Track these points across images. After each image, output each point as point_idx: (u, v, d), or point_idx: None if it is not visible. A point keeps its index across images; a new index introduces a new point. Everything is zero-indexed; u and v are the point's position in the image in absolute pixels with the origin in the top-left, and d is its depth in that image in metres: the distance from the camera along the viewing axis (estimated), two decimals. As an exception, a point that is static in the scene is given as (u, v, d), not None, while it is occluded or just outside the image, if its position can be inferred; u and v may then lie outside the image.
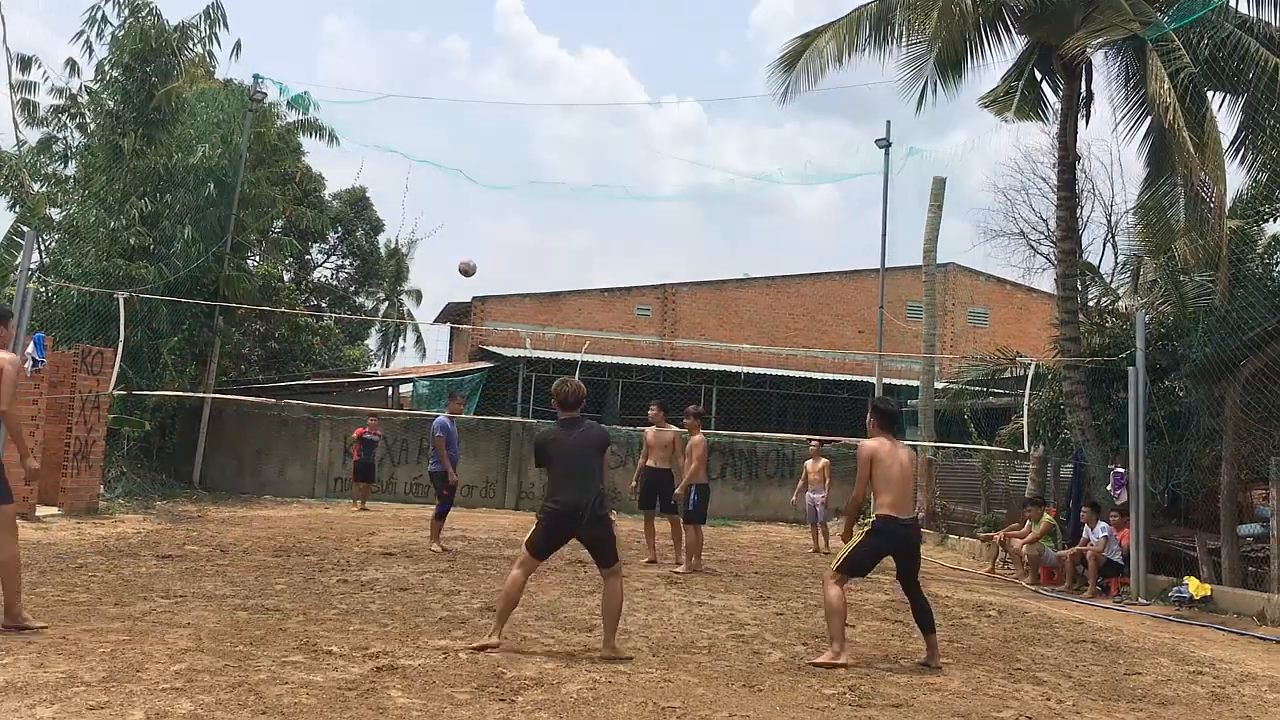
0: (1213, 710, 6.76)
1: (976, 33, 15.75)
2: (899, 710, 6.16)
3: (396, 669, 6.35)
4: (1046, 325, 21.01)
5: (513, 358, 27.93)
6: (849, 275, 35.08)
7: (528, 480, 23.44)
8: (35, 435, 14.20)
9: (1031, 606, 11.61)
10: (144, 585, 9.06)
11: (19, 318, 13.24)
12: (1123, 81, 15.68)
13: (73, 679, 5.68)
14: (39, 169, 21.45)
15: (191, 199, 20.38)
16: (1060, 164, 16.17)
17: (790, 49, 17.04)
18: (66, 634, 6.80)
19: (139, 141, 19.29)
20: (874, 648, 8.12)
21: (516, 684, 6.14)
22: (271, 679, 5.92)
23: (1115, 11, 14.16)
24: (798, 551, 16.65)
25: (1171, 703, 6.87)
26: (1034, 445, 16.41)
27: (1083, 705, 6.60)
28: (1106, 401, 15.12)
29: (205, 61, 20.97)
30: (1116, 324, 16.36)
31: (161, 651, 6.44)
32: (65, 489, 15.15)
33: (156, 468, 19.93)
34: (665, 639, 7.89)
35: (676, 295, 34.07)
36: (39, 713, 5.08)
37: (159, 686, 5.63)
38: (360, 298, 40.66)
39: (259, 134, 22.51)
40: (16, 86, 20.98)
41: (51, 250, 20.50)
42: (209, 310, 20.44)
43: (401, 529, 15.92)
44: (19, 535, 7.43)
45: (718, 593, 10.80)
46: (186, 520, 15.80)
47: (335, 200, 36.31)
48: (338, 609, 8.38)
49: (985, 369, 20.04)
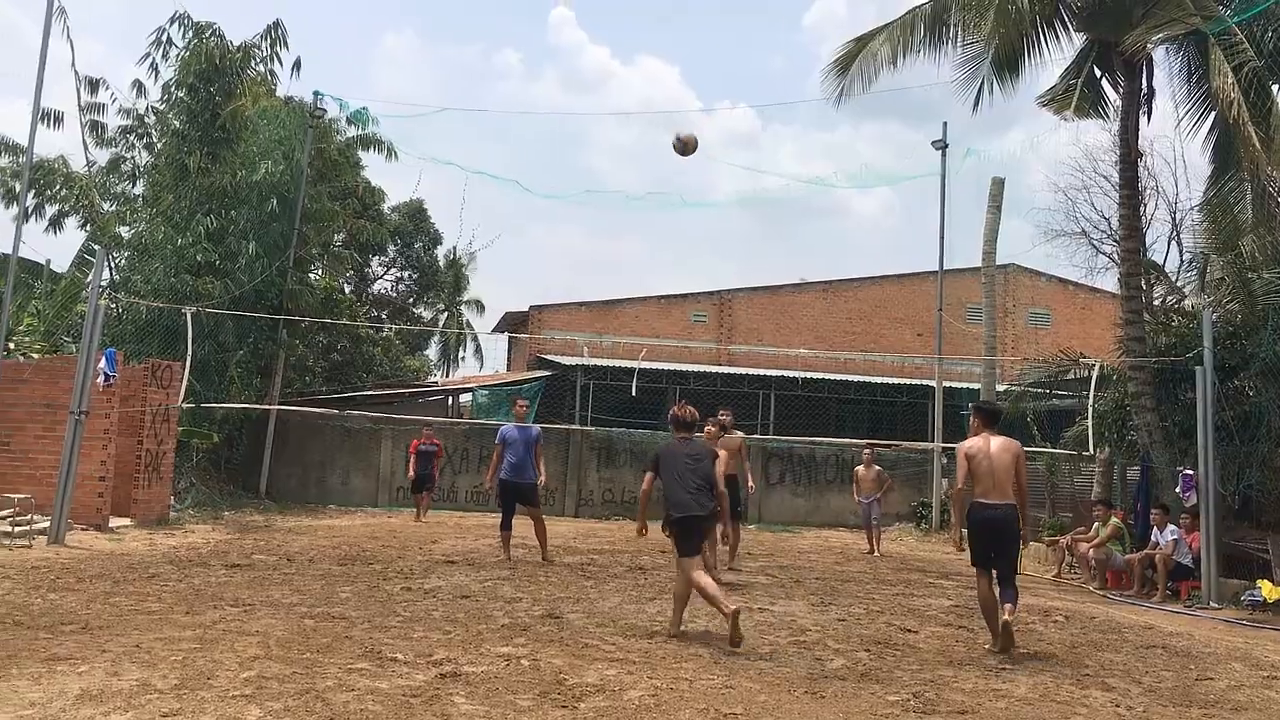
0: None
1: (1034, 30, 15.57)
2: (964, 717, 6.10)
3: (460, 676, 6.41)
4: (1110, 325, 20.69)
5: (570, 366, 28.05)
6: (907, 278, 34.74)
7: (587, 488, 23.55)
8: (108, 448, 14.58)
9: (1099, 611, 11.43)
10: (214, 594, 9.24)
11: (91, 333, 13.62)
12: (1185, 77, 15.43)
13: (146, 687, 5.82)
14: (108, 189, 22.01)
15: (255, 215, 20.76)
16: (1122, 161, 15.93)
17: (844, 52, 16.99)
18: (140, 642, 6.97)
19: (204, 160, 19.68)
20: (938, 654, 8.04)
21: (578, 690, 6.18)
22: (338, 686, 6.02)
23: (1176, 6, 13.94)
24: (859, 557, 16.54)
25: (1245, 709, 6.74)
26: (1099, 448, 16.15)
27: (1153, 711, 6.49)
28: (1174, 402, 14.84)
29: (267, 80, 21.33)
30: (1183, 323, 16.05)
31: (231, 659, 6.57)
32: (137, 500, 15.51)
33: (224, 479, 20.32)
34: (726, 645, 7.88)
35: (732, 301, 33.98)
36: (114, 719, 5.22)
37: (229, 693, 5.75)
38: (420, 309, 41.08)
39: (320, 150, 22.89)
40: (86, 108, 21.51)
41: (121, 267, 21.00)
42: (273, 323, 20.79)
43: (463, 537, 16.06)
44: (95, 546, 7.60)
45: (779, 599, 10.76)
46: (254, 530, 16.09)
47: (394, 213, 36.74)
48: (402, 616, 8.49)
49: (1048, 371, 19.72)
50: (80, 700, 5.50)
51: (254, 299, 20.22)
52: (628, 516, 22.58)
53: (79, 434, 13.26)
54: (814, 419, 26.30)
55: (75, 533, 13.27)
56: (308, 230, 22.36)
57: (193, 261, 19.30)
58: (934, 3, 16.24)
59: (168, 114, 20.79)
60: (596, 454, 23.91)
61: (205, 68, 19.77)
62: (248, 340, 20.46)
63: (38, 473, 13.99)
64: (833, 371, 30.62)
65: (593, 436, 24.07)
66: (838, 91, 17.08)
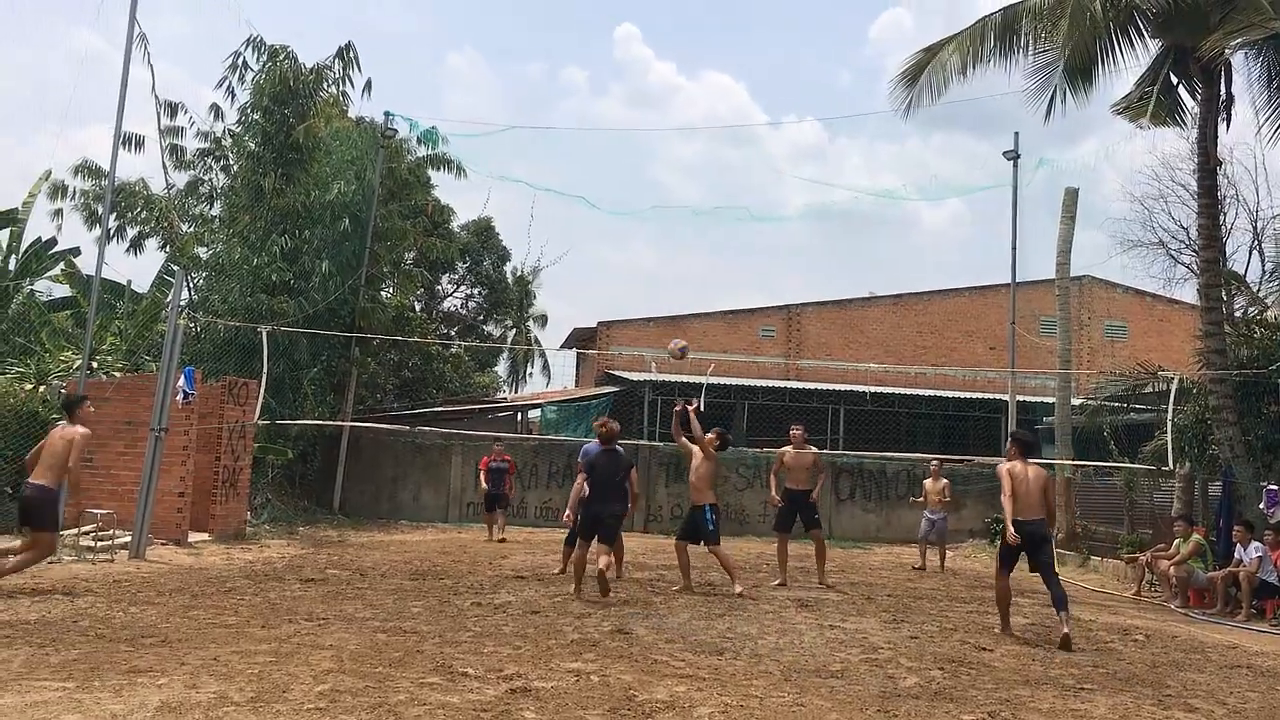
0: (1382, 741, 6.39)
1: (1107, 37, 15.34)
2: (1041, 737, 5.98)
3: (530, 691, 6.43)
4: (1190, 337, 20.24)
5: (638, 381, 28.08)
6: (978, 291, 34.30)
7: (655, 503, 23.53)
8: (186, 464, 14.90)
9: (1181, 630, 11.14)
10: (289, 608, 9.38)
11: (170, 352, 13.95)
12: (1265, 82, 15.11)
13: (223, 699, 5.92)
14: (187, 210, 22.53)
15: (328, 234, 21.14)
16: (1200, 170, 15.60)
17: (912, 63, 16.86)
18: (217, 655, 7.09)
19: (279, 181, 20.09)
20: (1014, 672, 7.89)
21: (648, 707, 6.16)
22: (410, 700, 6.07)
23: (1254, 10, 13.63)
24: (931, 573, 16.31)
25: (1336, 733, 6.53)
26: (1179, 462, 15.78)
27: (1238, 734, 6.31)
28: (1257, 415, 14.47)
29: (339, 101, 21.72)
30: (1265, 334, 15.66)
31: (306, 673, 6.66)
32: (215, 515, 15.80)
33: (299, 494, 20.66)
34: (797, 662, 7.81)
35: (801, 316, 33.81)
36: (194, 730, 5.32)
37: (304, 706, 5.82)
38: (489, 325, 41.41)
39: (390, 169, 23.24)
40: (165, 132, 22.04)
41: (199, 287, 21.45)
42: (346, 341, 21.10)
43: (533, 553, 16.13)
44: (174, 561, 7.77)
45: (850, 615, 10.65)
46: (327, 545, 16.33)
47: (463, 231, 37.12)
48: (472, 631, 8.54)
49: (1125, 384, 19.37)
50: (160, 712, 5.61)
51: (327, 317, 20.56)
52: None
53: (159, 451, 13.58)
54: (884, 434, 26.04)
55: (155, 547, 13.57)
56: (379, 249, 22.69)
57: (268, 281, 19.67)
58: (1005, 12, 16.06)
59: (243, 136, 21.22)
60: (665, 469, 23.88)
61: (279, 90, 20.16)
62: (321, 358, 20.79)
63: (119, 489, 14.33)
64: (903, 386, 30.31)
65: (661, 452, 24.03)
66: (906, 103, 16.94)
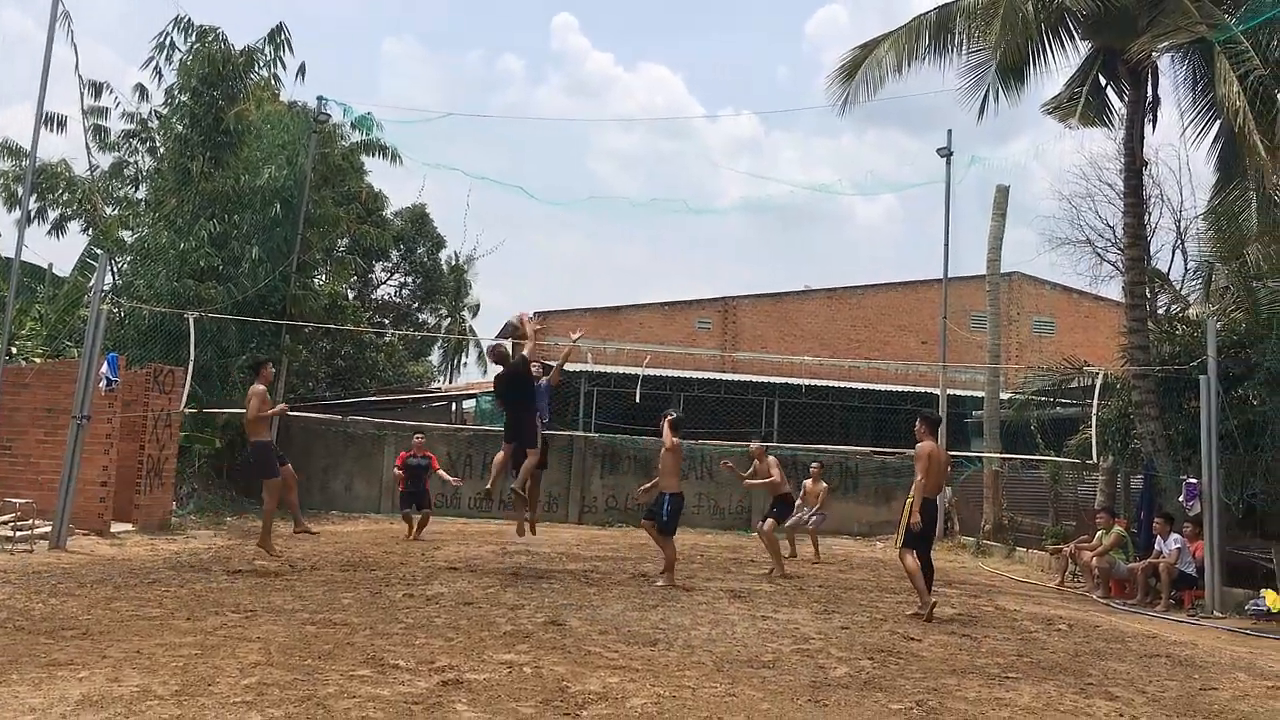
0: (1294, 727, 6.59)
1: (1039, 38, 15.55)
2: (967, 726, 6.07)
3: (462, 683, 6.39)
4: (1115, 334, 20.63)
5: (574, 372, 28.02)
6: (911, 286, 34.74)
7: (590, 494, 23.51)
8: (109, 453, 14.57)
9: (1103, 620, 11.40)
10: (215, 600, 9.22)
11: (93, 338, 13.62)
12: (1190, 85, 15.42)
13: (146, 693, 5.80)
14: (111, 193, 22.01)
15: (258, 220, 20.75)
16: (1126, 170, 15.91)
17: (849, 59, 16.96)
18: (140, 648, 6.95)
19: (207, 164, 19.69)
20: (941, 661, 8.01)
21: (581, 698, 6.16)
22: (339, 693, 6.00)
23: (1181, 14, 13.92)
24: (862, 565, 16.51)
25: (1249, 719, 6.70)
26: (1103, 456, 16.12)
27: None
28: (1178, 411, 14.81)
29: (271, 85, 21.32)
30: (1187, 332, 16.02)
31: (232, 665, 6.55)
32: (139, 506, 15.49)
33: (226, 484, 20.27)
34: (729, 653, 7.86)
35: (737, 308, 33.98)
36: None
37: (230, 700, 5.72)
38: (423, 314, 41.05)
39: (324, 155, 22.90)
40: (89, 112, 21.52)
41: (124, 272, 20.98)
42: (276, 329, 20.76)
43: (466, 544, 16.05)
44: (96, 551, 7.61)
45: (782, 606, 10.74)
46: (256, 535, 16.03)
47: (397, 218, 36.72)
48: (404, 623, 8.46)
49: (1052, 379, 19.70)
50: (81, 706, 5.48)
51: (257, 304, 20.19)
52: (631, 523, 22.55)
53: (81, 439, 13.25)
54: (818, 426, 26.27)
55: (77, 538, 13.25)
56: (311, 235, 22.35)
57: (195, 266, 19.29)
58: (939, 11, 16.23)
59: (170, 118, 20.76)
60: (600, 461, 23.88)
61: (208, 72, 19.75)
62: (250, 345, 20.41)
63: (39, 478, 13.97)
64: (837, 379, 30.59)
65: (596, 443, 24.03)
66: (843, 99, 17.04)
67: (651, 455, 23.35)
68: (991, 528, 19.72)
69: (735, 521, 23.11)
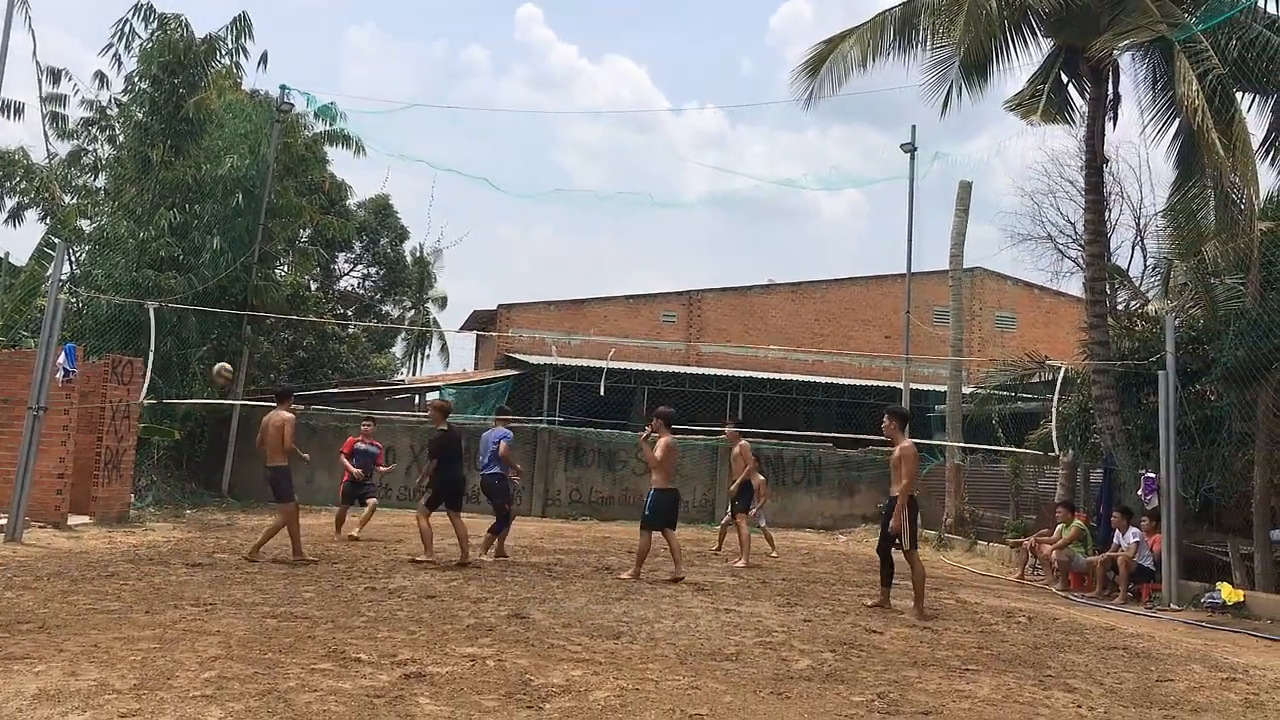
0: (1246, 717, 6.69)
1: (1002, 36, 15.67)
2: (928, 718, 6.12)
3: (424, 676, 6.36)
4: (1075, 329, 20.87)
5: (538, 365, 27.98)
6: (875, 280, 34.99)
7: (554, 487, 23.46)
8: (66, 444, 14.37)
9: (1062, 613, 11.52)
10: (174, 593, 9.12)
11: (50, 328, 13.42)
12: (1150, 83, 15.57)
13: (104, 687, 5.73)
14: (69, 181, 21.69)
15: (220, 209, 20.51)
16: (1087, 167, 16.09)
17: (814, 54, 17.02)
18: (98, 642, 6.86)
19: (168, 153, 19.45)
20: (903, 654, 8.06)
21: (544, 691, 6.14)
22: (300, 686, 5.95)
23: (1142, 13, 14.08)
24: (825, 558, 16.59)
25: (1204, 710, 6.80)
26: (1063, 450, 16.27)
27: (1114, 712, 6.54)
28: (1137, 406, 14.99)
29: (233, 73, 21.08)
30: (1146, 328, 16.22)
31: (192, 659, 6.48)
32: (96, 498, 15.29)
33: (186, 476, 20.07)
34: (693, 646, 7.87)
35: (701, 301, 34.06)
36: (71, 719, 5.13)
37: (189, 694, 5.66)
38: (386, 306, 40.85)
39: (286, 144, 22.67)
40: (47, 99, 21.16)
41: (82, 261, 20.65)
42: (237, 320, 20.56)
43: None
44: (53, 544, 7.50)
45: (745, 599, 10.77)
46: (216, 528, 15.92)
47: (360, 209, 36.49)
48: (366, 616, 8.41)
49: (1013, 373, 19.89)
50: (37, 700, 5.40)
51: (218, 295, 19.97)
52: (595, 516, 22.56)
53: (37, 430, 13.06)
54: (783, 420, 26.40)
55: (33, 530, 13.05)
56: (273, 225, 22.13)
57: (155, 256, 19.05)
58: (904, 6, 16.31)
59: (130, 106, 20.50)
60: (564, 454, 23.80)
61: (169, 59, 19.52)
62: (211, 336, 20.23)
63: (-6, 469, 13.77)
64: (801, 373, 30.75)
65: (560, 436, 24.00)
66: (807, 93, 17.12)
67: (615, 448, 23.42)
68: (953, 521, 19.88)
69: (699, 515, 23.15)
